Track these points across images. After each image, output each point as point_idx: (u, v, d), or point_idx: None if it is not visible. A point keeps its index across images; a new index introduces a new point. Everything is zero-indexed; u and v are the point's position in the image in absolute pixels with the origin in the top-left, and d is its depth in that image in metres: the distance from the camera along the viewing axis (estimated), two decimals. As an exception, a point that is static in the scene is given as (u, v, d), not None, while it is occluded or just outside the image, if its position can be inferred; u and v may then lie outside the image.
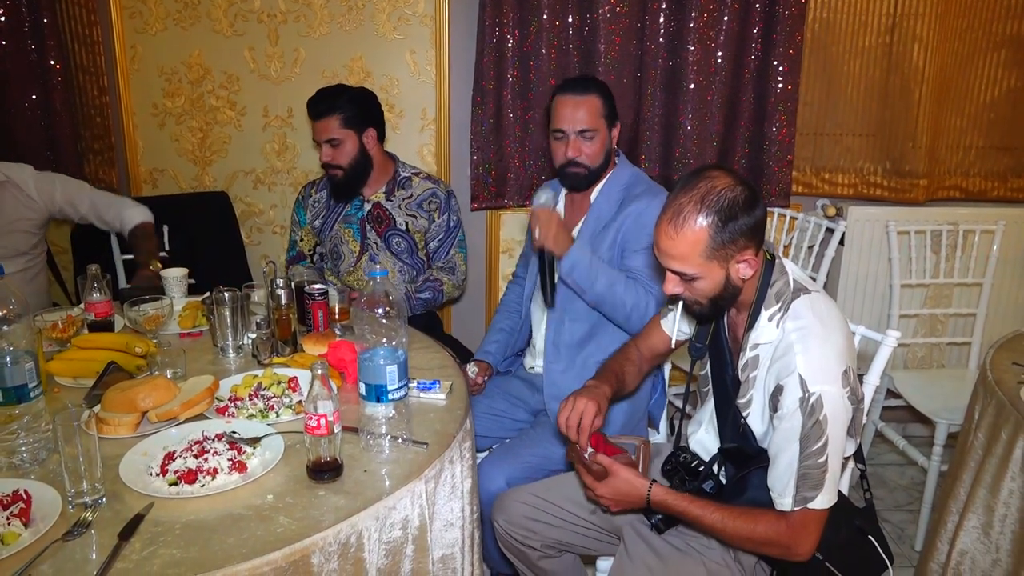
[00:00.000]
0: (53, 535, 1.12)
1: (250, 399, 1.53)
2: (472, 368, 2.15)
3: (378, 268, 1.44)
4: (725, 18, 2.69)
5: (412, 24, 2.83)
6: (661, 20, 2.70)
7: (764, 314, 1.36)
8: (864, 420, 1.52)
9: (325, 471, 1.28)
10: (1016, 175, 2.93)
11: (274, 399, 1.53)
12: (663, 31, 2.72)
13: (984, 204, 2.94)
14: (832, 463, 1.28)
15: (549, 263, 1.90)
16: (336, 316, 1.96)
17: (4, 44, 2.77)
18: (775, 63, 2.72)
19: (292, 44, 2.87)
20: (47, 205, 2.38)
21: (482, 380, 2.16)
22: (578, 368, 2.01)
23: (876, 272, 2.92)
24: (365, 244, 2.44)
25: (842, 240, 2.78)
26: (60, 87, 2.83)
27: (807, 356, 1.28)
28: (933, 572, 1.85)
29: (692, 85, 2.75)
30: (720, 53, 2.73)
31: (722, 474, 1.52)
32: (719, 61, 2.73)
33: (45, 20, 2.77)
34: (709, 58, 2.74)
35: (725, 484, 1.51)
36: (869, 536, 1.45)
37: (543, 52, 2.73)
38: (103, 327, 1.89)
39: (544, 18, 2.69)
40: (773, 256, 1.39)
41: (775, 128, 2.78)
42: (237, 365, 1.79)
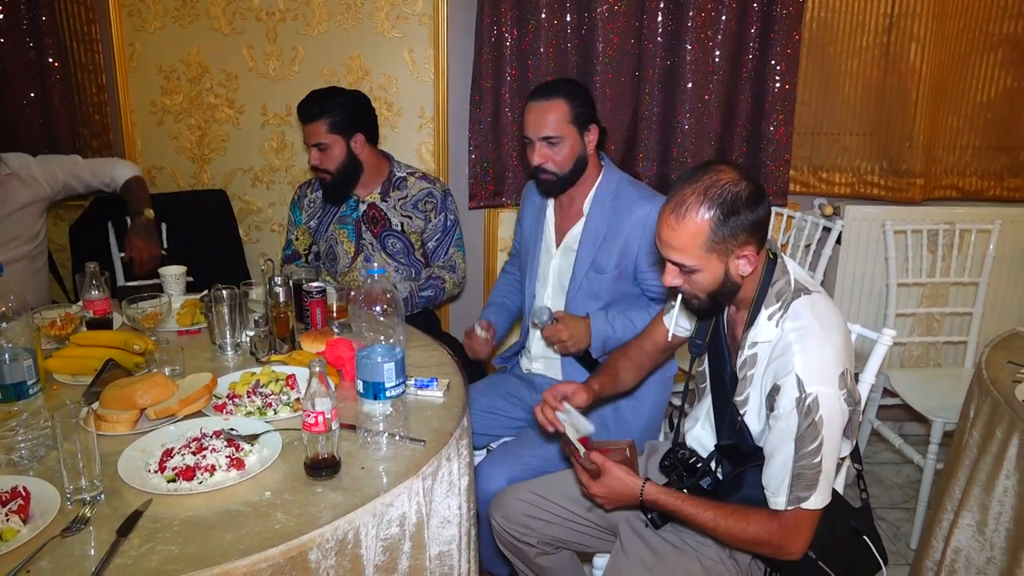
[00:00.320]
0: (52, 531, 1.12)
1: (248, 396, 1.54)
2: (478, 327, 2.10)
3: (375, 266, 1.44)
4: (723, 17, 2.69)
5: (410, 23, 2.83)
6: (659, 19, 2.71)
7: (764, 313, 1.36)
8: (860, 420, 1.52)
9: (323, 468, 1.28)
10: (1012, 175, 2.94)
11: (272, 396, 1.54)
12: (661, 30, 2.72)
13: (980, 203, 2.95)
14: (827, 464, 1.28)
15: (584, 358, 2.00)
16: (334, 314, 1.96)
17: (2, 42, 2.77)
18: (773, 62, 2.73)
19: (290, 42, 2.87)
20: (51, 184, 2.50)
21: (488, 335, 2.11)
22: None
23: (873, 271, 2.93)
24: (360, 245, 2.44)
25: (839, 239, 2.79)
26: (58, 85, 2.83)
27: (805, 357, 1.28)
28: (928, 570, 1.86)
29: (690, 84, 2.75)
30: (718, 52, 2.73)
31: (719, 471, 1.52)
32: (717, 60, 2.74)
33: (44, 18, 2.76)
34: (707, 57, 2.74)
35: (721, 480, 1.51)
36: (864, 536, 1.46)
37: (541, 51, 2.73)
38: (101, 324, 1.89)
39: (542, 17, 2.70)
40: (775, 255, 1.39)
41: (772, 127, 2.78)
42: (235, 363, 1.79)
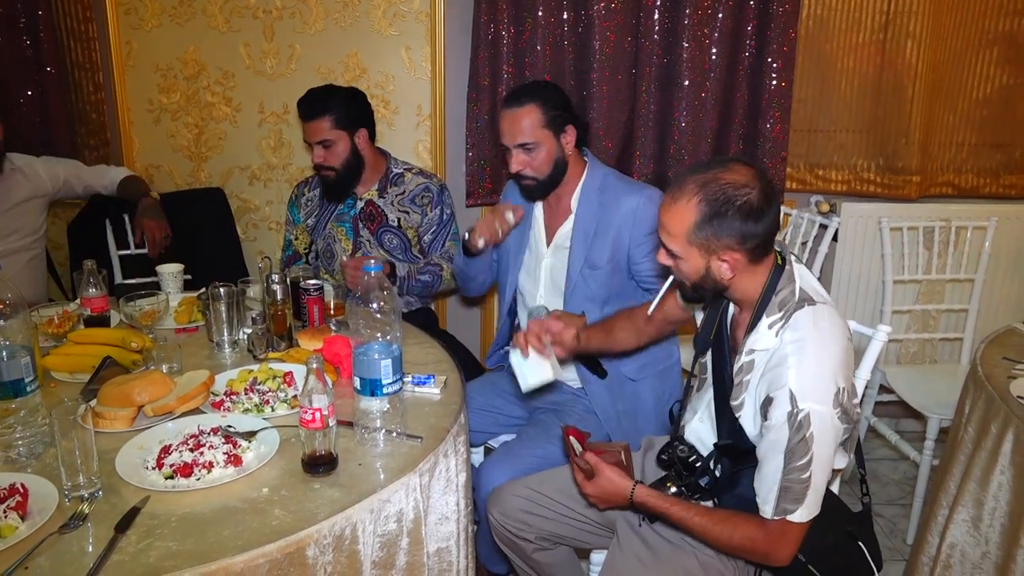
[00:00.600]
0: (50, 528, 1.13)
1: (246, 394, 1.54)
2: (510, 213, 2.03)
3: (372, 263, 1.44)
4: (719, 15, 2.70)
5: (407, 20, 2.83)
6: (656, 17, 2.71)
7: (765, 321, 1.33)
8: (859, 436, 1.50)
9: (320, 464, 1.29)
10: (1008, 172, 2.94)
11: (269, 394, 1.54)
12: (658, 28, 2.72)
13: (976, 200, 2.96)
14: (816, 479, 1.26)
15: (582, 356, 1.98)
16: (331, 311, 1.96)
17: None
18: (769, 60, 2.73)
19: (287, 40, 2.87)
20: (53, 182, 2.58)
21: (514, 224, 2.04)
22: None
23: (869, 268, 2.93)
24: (358, 242, 2.44)
25: (835, 236, 2.79)
26: (55, 84, 2.83)
27: (800, 371, 1.26)
28: (924, 565, 1.86)
29: (687, 82, 2.76)
30: (714, 50, 2.73)
31: (718, 469, 1.51)
32: (713, 58, 2.74)
33: (40, 16, 2.77)
34: (703, 55, 2.74)
35: (719, 478, 1.51)
36: (859, 542, 1.44)
37: (538, 49, 2.73)
38: (99, 322, 1.89)
39: (539, 15, 2.70)
40: (784, 261, 1.36)
41: (769, 125, 2.78)
42: (233, 360, 1.80)
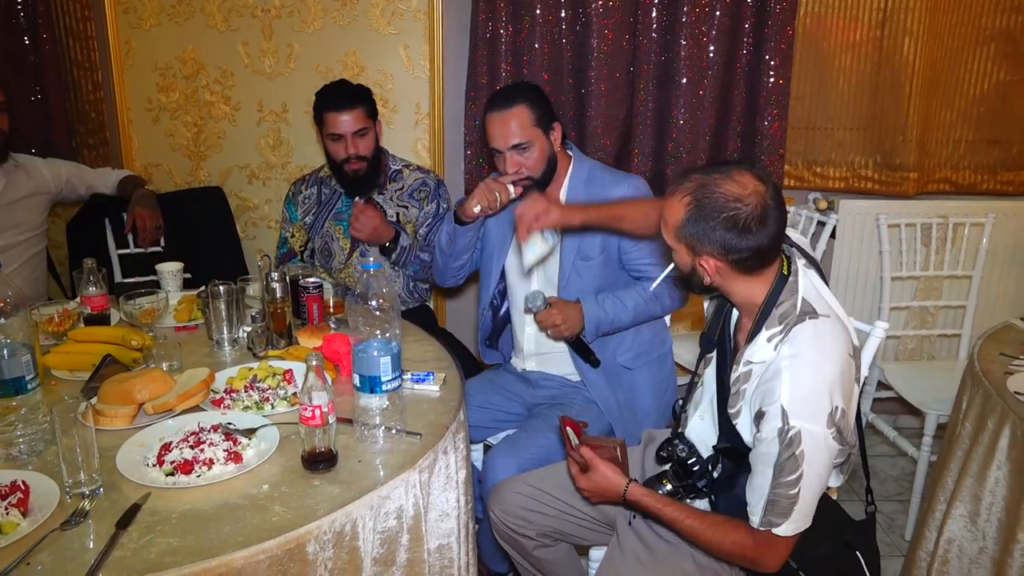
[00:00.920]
0: (51, 524, 1.13)
1: (246, 391, 1.55)
2: (512, 186, 1.97)
3: (371, 261, 1.45)
4: (717, 13, 2.70)
5: (405, 19, 2.84)
6: (653, 15, 2.71)
7: (764, 333, 1.31)
8: (856, 459, 1.50)
9: (320, 461, 1.29)
10: (1005, 168, 2.95)
11: (269, 391, 1.55)
12: (655, 26, 2.73)
13: (974, 197, 2.96)
14: (804, 496, 1.25)
15: (576, 343, 1.99)
16: (331, 309, 1.97)
17: (-2, 40, 2.78)
18: (767, 58, 2.73)
19: (286, 39, 2.87)
20: (55, 180, 2.60)
21: (515, 196, 1.97)
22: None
23: (867, 265, 2.94)
24: (356, 241, 2.44)
25: (833, 233, 2.80)
26: (54, 83, 2.83)
27: (793, 389, 1.23)
28: (921, 560, 1.87)
29: (684, 80, 2.76)
30: (712, 48, 2.74)
31: (716, 471, 1.50)
32: (711, 56, 2.75)
33: (39, 15, 2.77)
34: (701, 53, 2.75)
35: (717, 479, 1.51)
36: (857, 552, 1.42)
37: (536, 47, 2.74)
38: (99, 320, 1.89)
39: (537, 13, 2.70)
40: (790, 272, 1.33)
41: (767, 122, 2.79)
42: (232, 358, 1.80)
